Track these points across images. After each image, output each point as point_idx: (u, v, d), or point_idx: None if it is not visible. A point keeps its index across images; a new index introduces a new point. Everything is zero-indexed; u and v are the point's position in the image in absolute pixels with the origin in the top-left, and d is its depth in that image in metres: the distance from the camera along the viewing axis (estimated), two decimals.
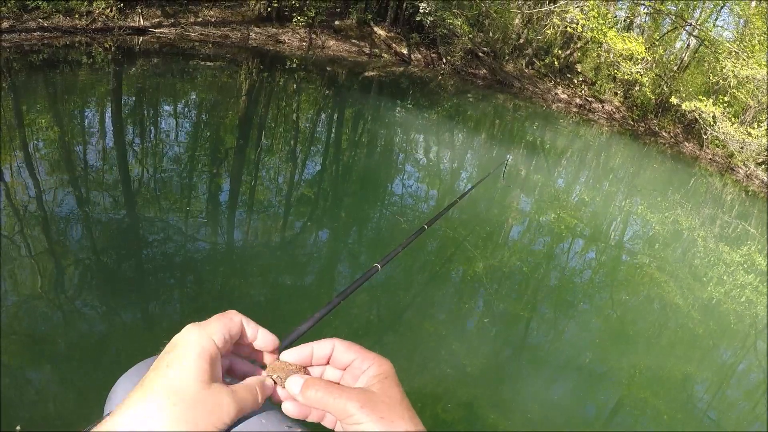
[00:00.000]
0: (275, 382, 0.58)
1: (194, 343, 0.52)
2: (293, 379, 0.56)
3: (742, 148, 15.62)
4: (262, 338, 0.59)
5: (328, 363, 0.60)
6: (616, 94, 21.15)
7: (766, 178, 15.41)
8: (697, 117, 17.08)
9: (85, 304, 3.38)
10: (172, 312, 3.59)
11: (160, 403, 0.47)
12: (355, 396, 0.53)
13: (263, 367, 0.60)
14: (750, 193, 14.20)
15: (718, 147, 17.40)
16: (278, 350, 0.61)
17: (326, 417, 0.57)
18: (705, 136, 17.52)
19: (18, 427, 2.40)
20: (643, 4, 21.25)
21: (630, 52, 17.79)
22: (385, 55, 18.59)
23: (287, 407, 0.56)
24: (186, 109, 8.69)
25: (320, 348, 0.59)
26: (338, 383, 0.57)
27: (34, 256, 3.74)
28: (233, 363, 0.59)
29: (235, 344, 0.58)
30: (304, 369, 0.59)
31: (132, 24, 12.63)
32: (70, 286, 3.54)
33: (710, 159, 17.37)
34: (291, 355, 0.59)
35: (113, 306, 3.44)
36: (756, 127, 15.89)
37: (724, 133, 15.95)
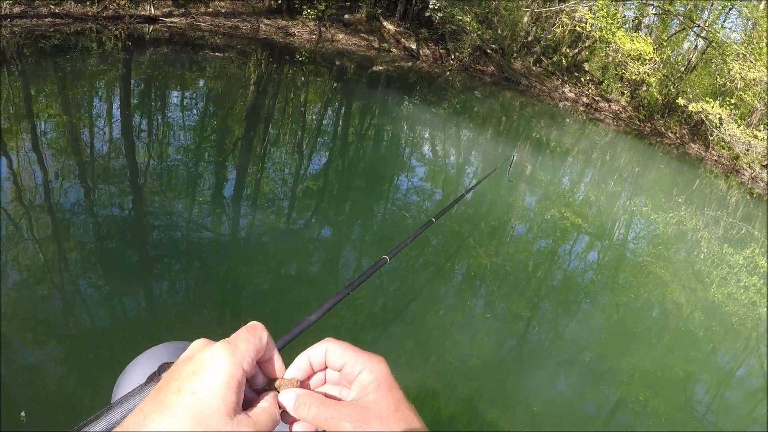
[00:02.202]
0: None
1: (225, 372, 0.50)
2: (286, 393, 0.56)
3: (747, 150, 15.62)
4: (275, 363, 0.58)
5: (325, 366, 0.59)
6: (623, 93, 21.11)
7: None
8: (704, 118, 17.07)
9: (92, 291, 3.41)
10: (180, 300, 3.62)
11: (183, 428, 0.46)
12: (346, 414, 0.52)
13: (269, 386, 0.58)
14: (755, 196, 14.19)
15: (723, 149, 17.40)
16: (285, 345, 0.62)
17: None
18: (711, 138, 17.51)
19: (22, 414, 2.42)
20: (652, 5, 21.20)
21: (638, 52, 17.77)
22: (394, 50, 18.58)
23: (297, 430, 0.56)
24: (194, 99, 8.72)
25: (316, 354, 0.58)
26: (334, 396, 0.58)
27: (39, 242, 3.76)
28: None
29: None
30: (300, 383, 0.58)
31: (143, 13, 12.66)
32: (77, 273, 3.56)
33: (716, 161, 17.35)
34: (291, 372, 0.58)
35: (120, 293, 3.46)
36: (762, 129, 15.88)
37: (730, 134, 15.94)
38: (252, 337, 0.54)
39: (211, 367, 0.50)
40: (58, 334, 3.01)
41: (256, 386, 0.58)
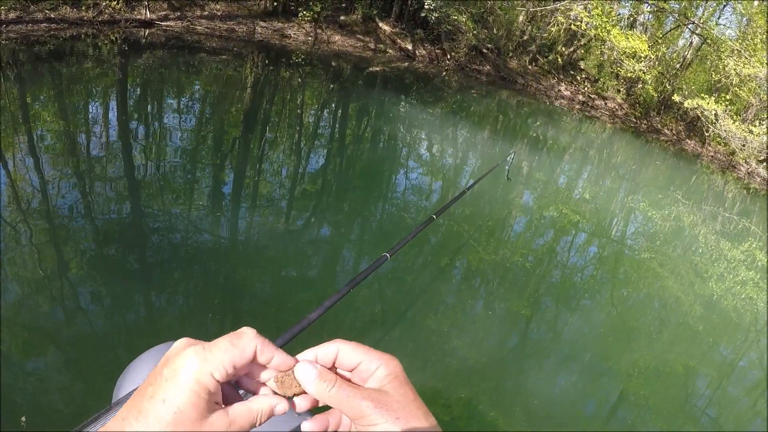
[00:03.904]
0: (289, 399, 0.56)
1: (193, 379, 0.50)
2: (307, 367, 0.55)
3: (743, 145, 15.66)
4: (277, 361, 0.55)
5: (333, 366, 0.58)
6: (618, 91, 21.16)
7: (767, 175, 15.46)
8: (699, 115, 17.12)
9: (91, 294, 3.42)
10: (179, 301, 3.63)
11: None
12: (369, 396, 0.53)
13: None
14: (751, 191, 14.23)
15: (719, 144, 17.45)
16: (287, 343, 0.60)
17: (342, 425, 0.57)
18: (707, 134, 17.56)
19: (23, 419, 2.41)
20: (647, 2, 21.24)
21: (633, 49, 17.81)
22: (390, 51, 18.60)
23: (306, 427, 0.56)
24: (191, 102, 8.72)
25: (324, 352, 0.57)
26: (352, 381, 0.57)
27: (37, 246, 3.76)
28: (240, 380, 0.56)
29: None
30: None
31: (138, 17, 12.67)
32: (75, 276, 3.57)
33: (712, 156, 17.41)
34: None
35: (120, 295, 3.47)
36: (757, 124, 15.93)
37: (726, 130, 15.99)
38: (233, 347, 0.52)
39: (180, 374, 0.50)
40: (59, 337, 3.01)
41: (254, 378, 0.57)
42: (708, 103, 16.06)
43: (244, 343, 0.53)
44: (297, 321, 1.47)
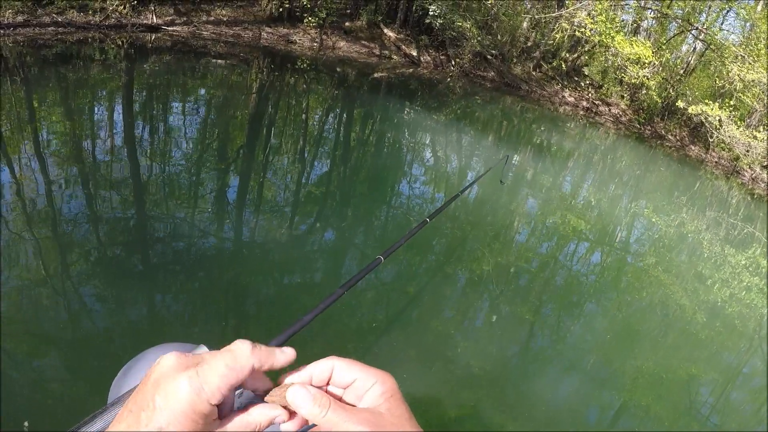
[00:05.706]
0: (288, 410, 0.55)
1: (188, 409, 0.48)
2: (301, 391, 0.53)
3: (747, 151, 15.64)
4: (279, 359, 0.55)
5: (327, 384, 0.57)
6: (622, 97, 21.16)
7: None
8: (703, 120, 17.09)
9: (90, 295, 3.43)
10: (178, 303, 3.64)
11: None
12: (364, 419, 0.52)
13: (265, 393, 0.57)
14: (755, 197, 14.20)
15: (723, 150, 17.40)
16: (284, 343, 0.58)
17: None
18: (711, 140, 17.53)
19: (25, 424, 2.41)
20: (650, 9, 21.28)
21: (637, 55, 17.82)
22: (395, 57, 18.64)
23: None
24: (196, 107, 8.77)
25: (319, 369, 0.56)
26: (346, 403, 0.56)
27: (40, 246, 3.79)
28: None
29: None
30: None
31: (145, 21, 12.76)
32: (76, 277, 3.58)
33: (716, 162, 17.37)
34: (291, 381, 0.56)
35: (118, 297, 3.48)
36: (761, 130, 15.89)
37: (729, 136, 15.97)
38: (229, 371, 0.51)
39: (175, 404, 0.48)
40: (60, 336, 3.03)
41: (248, 389, 0.57)
42: (712, 109, 16.05)
43: (241, 365, 0.52)
44: (292, 322, 1.48)
